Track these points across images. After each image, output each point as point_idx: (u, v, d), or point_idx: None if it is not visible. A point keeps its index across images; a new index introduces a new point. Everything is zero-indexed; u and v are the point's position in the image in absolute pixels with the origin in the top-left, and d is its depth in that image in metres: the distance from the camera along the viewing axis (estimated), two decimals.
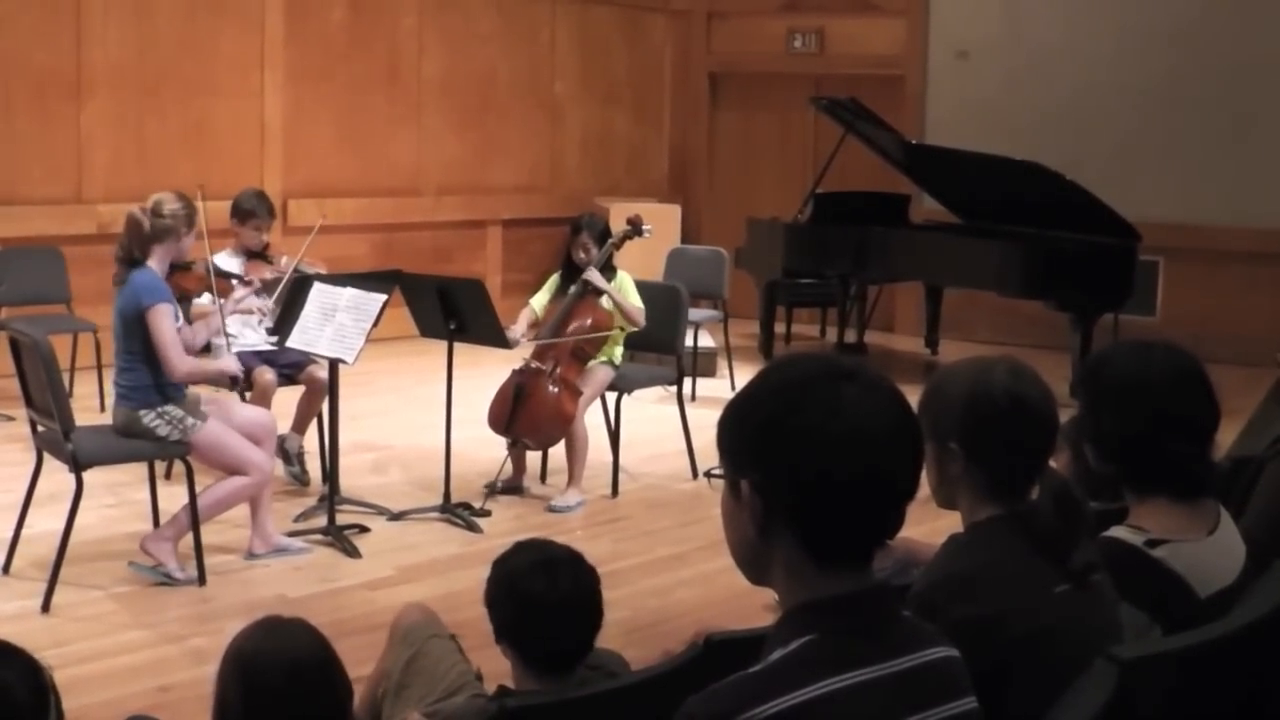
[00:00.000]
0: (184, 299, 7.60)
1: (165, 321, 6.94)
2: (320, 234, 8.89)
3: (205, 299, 7.99)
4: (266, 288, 8.55)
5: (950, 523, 3.20)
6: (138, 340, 6.97)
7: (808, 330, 14.85)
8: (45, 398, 6.76)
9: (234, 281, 8.05)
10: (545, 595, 3.72)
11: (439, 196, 14.68)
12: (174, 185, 7.79)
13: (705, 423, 3.62)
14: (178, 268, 7.36)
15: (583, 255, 8.68)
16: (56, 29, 11.77)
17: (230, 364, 7.54)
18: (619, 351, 8.88)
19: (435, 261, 13.56)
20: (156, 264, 7.07)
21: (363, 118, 13.98)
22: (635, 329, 8.72)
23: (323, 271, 8.59)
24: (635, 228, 8.87)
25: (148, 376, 7.00)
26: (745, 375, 10.91)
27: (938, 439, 3.13)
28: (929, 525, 3.37)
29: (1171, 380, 3.43)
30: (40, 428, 7.08)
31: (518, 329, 8.55)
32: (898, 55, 15.59)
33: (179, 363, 6.98)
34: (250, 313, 8.43)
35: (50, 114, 11.81)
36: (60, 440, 6.74)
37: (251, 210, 8.93)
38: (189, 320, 7.63)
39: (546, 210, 15.34)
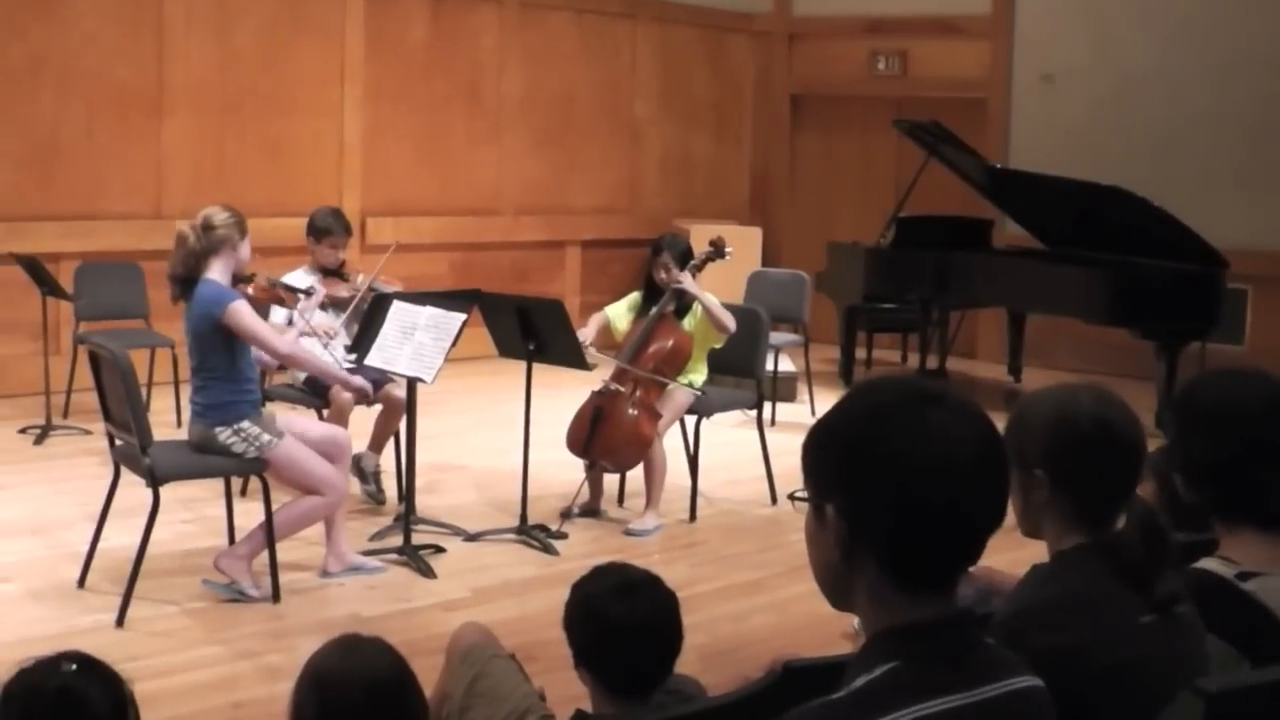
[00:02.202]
0: None
1: (246, 315, 6.97)
2: (399, 252, 8.90)
3: (280, 317, 8.03)
4: (339, 304, 8.56)
5: (1033, 553, 3.15)
6: (213, 356, 6.98)
7: (888, 356, 14.76)
8: (123, 412, 6.79)
9: (300, 294, 8.08)
10: (624, 619, 3.69)
11: (518, 216, 14.70)
12: (253, 202, 7.85)
13: (785, 448, 3.58)
14: (239, 280, 7.36)
15: (664, 275, 8.62)
16: (138, 46, 11.87)
17: (357, 380, 8.05)
18: (699, 375, 8.82)
19: (514, 281, 13.60)
20: (219, 276, 7.08)
21: (442, 136, 14.03)
22: (726, 335, 8.62)
23: (399, 290, 8.58)
24: (718, 250, 8.81)
25: (223, 394, 7.00)
26: (825, 400, 10.88)
27: (1023, 466, 3.09)
28: (1012, 555, 3.32)
29: (1264, 407, 3.38)
30: (118, 442, 7.12)
31: (587, 332, 8.52)
32: (981, 78, 15.50)
33: (278, 343, 7.17)
34: (315, 335, 8.43)
35: (131, 130, 11.91)
36: (138, 455, 6.76)
37: (328, 228, 8.95)
38: None
39: (626, 231, 15.35)
